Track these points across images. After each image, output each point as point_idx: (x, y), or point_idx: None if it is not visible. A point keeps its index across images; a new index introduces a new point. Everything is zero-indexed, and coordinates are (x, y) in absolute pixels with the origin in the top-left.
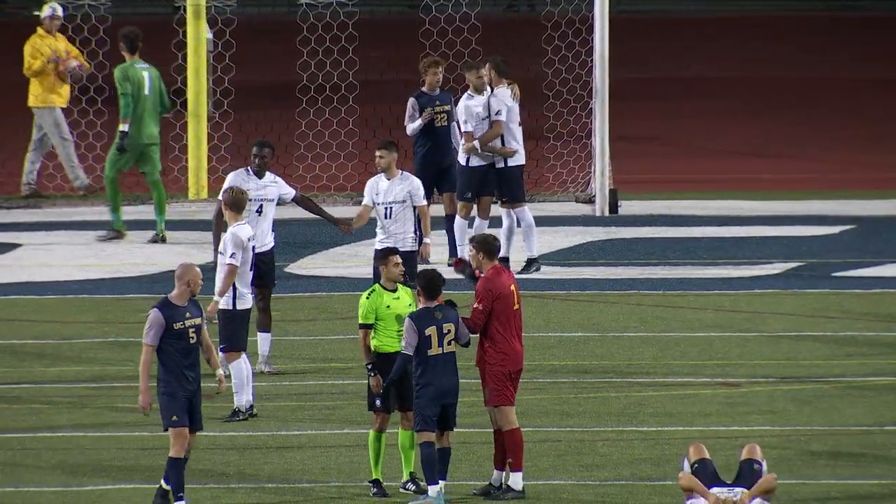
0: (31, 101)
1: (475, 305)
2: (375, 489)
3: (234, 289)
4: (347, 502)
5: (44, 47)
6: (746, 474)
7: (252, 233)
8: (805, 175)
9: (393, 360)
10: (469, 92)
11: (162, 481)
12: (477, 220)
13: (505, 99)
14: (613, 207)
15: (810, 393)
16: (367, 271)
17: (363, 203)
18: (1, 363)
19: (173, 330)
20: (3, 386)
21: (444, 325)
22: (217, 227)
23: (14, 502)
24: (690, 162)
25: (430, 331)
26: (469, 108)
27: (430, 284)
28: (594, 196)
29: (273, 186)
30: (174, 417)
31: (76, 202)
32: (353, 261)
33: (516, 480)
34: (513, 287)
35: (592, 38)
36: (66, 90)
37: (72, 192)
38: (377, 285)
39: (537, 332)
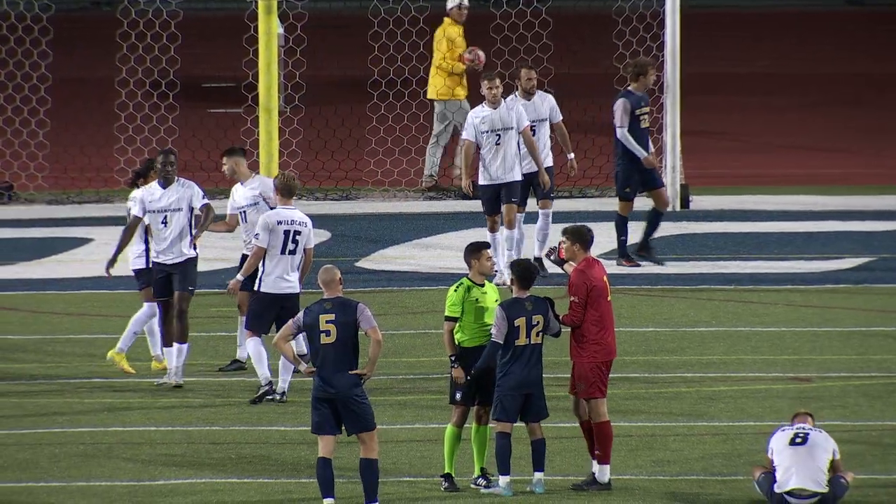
0: (434, 94)
1: (572, 299)
2: (447, 484)
3: (261, 270)
4: (419, 497)
5: (459, 40)
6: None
7: (289, 216)
8: (874, 170)
9: (475, 354)
10: (484, 103)
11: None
12: (506, 232)
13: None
14: (685, 202)
15: (882, 388)
16: (438, 265)
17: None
18: (72, 357)
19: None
20: (75, 380)
21: (533, 316)
22: (124, 237)
23: (86, 496)
24: (761, 157)
25: (520, 321)
26: (475, 124)
27: (524, 274)
28: None
29: (177, 196)
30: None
31: None
32: (424, 255)
33: (603, 473)
34: (605, 279)
35: (663, 33)
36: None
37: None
38: (465, 279)
39: None
